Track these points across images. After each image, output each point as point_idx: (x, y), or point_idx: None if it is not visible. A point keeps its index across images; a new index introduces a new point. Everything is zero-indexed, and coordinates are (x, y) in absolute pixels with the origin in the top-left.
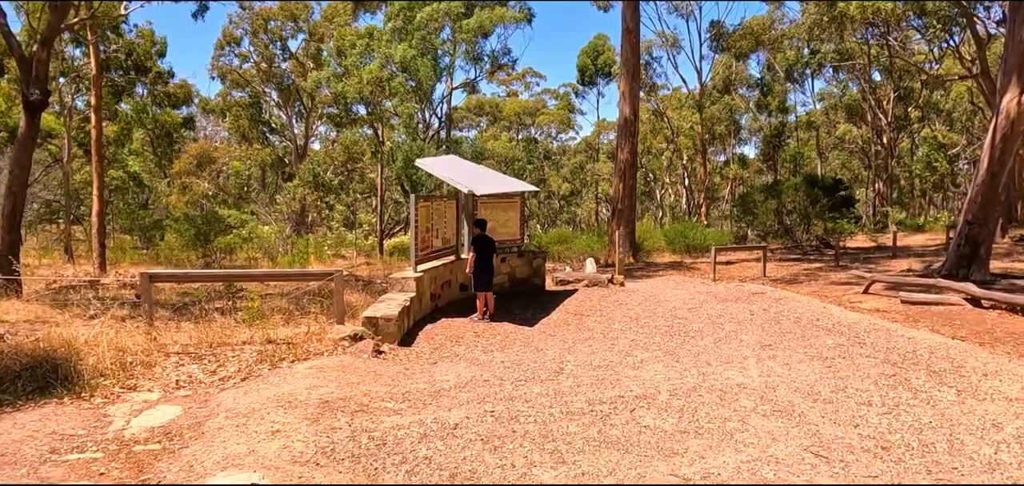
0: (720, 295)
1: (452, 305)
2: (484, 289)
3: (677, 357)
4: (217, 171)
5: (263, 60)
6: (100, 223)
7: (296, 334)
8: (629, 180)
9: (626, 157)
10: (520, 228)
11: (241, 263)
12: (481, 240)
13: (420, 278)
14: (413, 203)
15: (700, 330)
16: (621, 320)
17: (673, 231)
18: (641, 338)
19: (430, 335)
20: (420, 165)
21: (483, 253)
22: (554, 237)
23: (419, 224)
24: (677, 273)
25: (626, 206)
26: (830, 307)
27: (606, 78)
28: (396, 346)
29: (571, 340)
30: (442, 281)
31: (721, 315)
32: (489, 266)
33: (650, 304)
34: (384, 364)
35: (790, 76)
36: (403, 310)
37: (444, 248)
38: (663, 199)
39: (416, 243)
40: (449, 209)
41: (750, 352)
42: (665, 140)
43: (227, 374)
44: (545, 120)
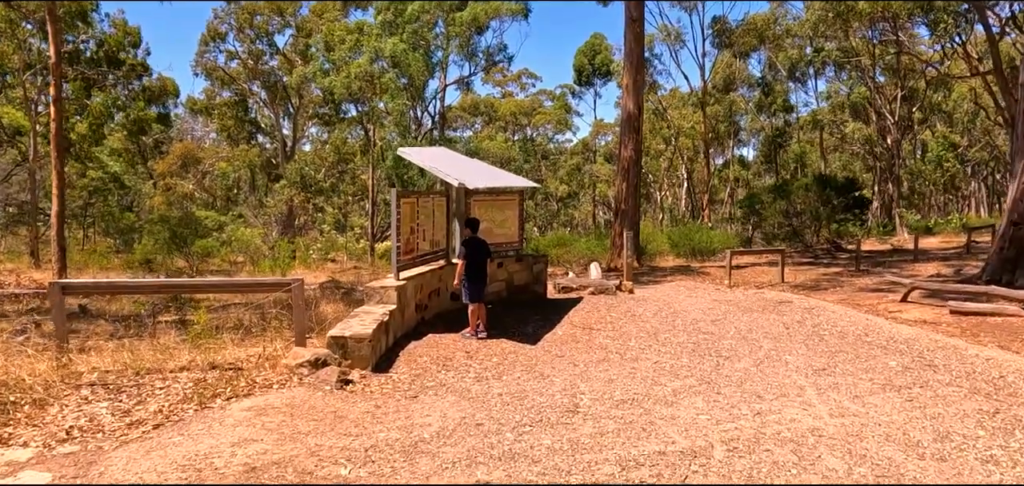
0: (742, 304)
1: (441, 317)
2: (477, 300)
3: (716, 387)
4: (202, 172)
5: (249, 57)
6: (59, 225)
7: (247, 358)
8: (633, 179)
9: (630, 154)
10: (519, 230)
11: (218, 268)
12: (473, 243)
13: (402, 287)
14: (394, 200)
15: (734, 349)
16: (637, 335)
17: (678, 234)
18: (666, 359)
19: (413, 356)
20: (403, 154)
21: (476, 258)
22: (553, 240)
23: (402, 224)
24: (686, 279)
25: (630, 207)
26: (872, 318)
27: (603, 78)
28: (369, 373)
29: (582, 362)
30: (430, 289)
31: (751, 328)
32: (482, 273)
33: (666, 315)
34: (350, 400)
35: (793, 75)
36: (379, 327)
37: (432, 252)
38: (662, 201)
39: (398, 246)
40: (438, 207)
41: (804, 379)
42: (664, 140)
43: (142, 417)
44: (542, 120)
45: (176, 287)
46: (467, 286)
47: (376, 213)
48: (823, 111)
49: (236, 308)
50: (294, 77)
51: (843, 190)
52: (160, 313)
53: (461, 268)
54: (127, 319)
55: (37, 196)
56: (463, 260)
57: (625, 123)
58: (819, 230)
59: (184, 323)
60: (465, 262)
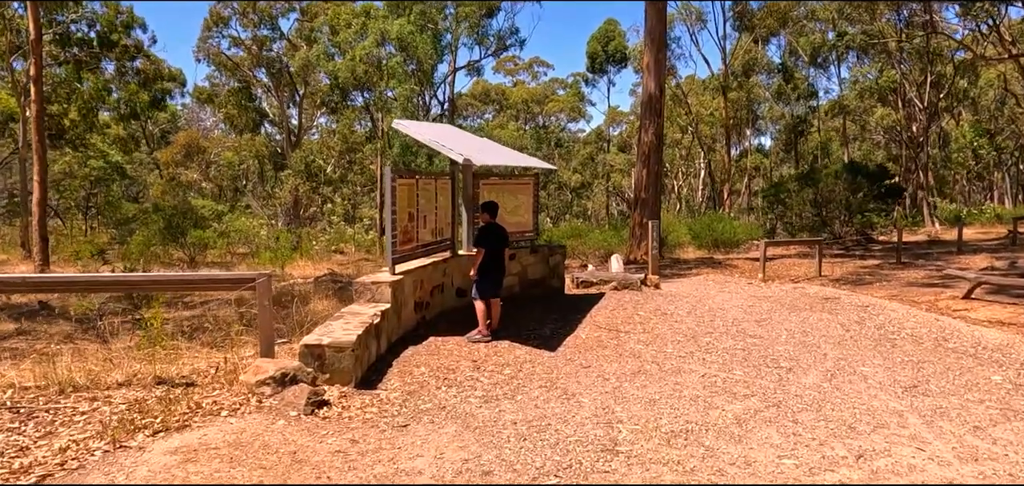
0: (784, 300)
1: (445, 317)
2: (490, 296)
3: (788, 411)
4: (207, 162)
5: (253, 42)
6: (41, 214)
7: (206, 369)
8: (654, 165)
9: (651, 139)
10: (533, 217)
11: (215, 261)
12: (491, 231)
13: (398, 283)
14: (388, 181)
15: (793, 357)
16: (674, 339)
17: (699, 224)
18: (715, 371)
19: (409, 366)
20: (400, 127)
21: (494, 248)
22: (567, 231)
23: (398, 210)
24: (713, 272)
25: (651, 196)
26: (944, 320)
27: (618, 65)
28: (351, 390)
29: (614, 375)
30: (432, 285)
31: (805, 331)
32: (500, 265)
33: (702, 314)
34: (318, 432)
35: (814, 60)
36: (366, 331)
37: (435, 242)
38: (680, 191)
39: (393, 235)
40: (442, 191)
41: (897, 401)
42: (680, 129)
43: (39, 458)
44: (554, 107)
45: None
46: (480, 280)
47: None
48: (849, 97)
49: (218, 305)
50: (297, 61)
51: (875, 178)
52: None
53: (478, 256)
54: (92, 319)
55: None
56: (481, 249)
57: (645, 105)
58: (849, 220)
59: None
60: (482, 250)
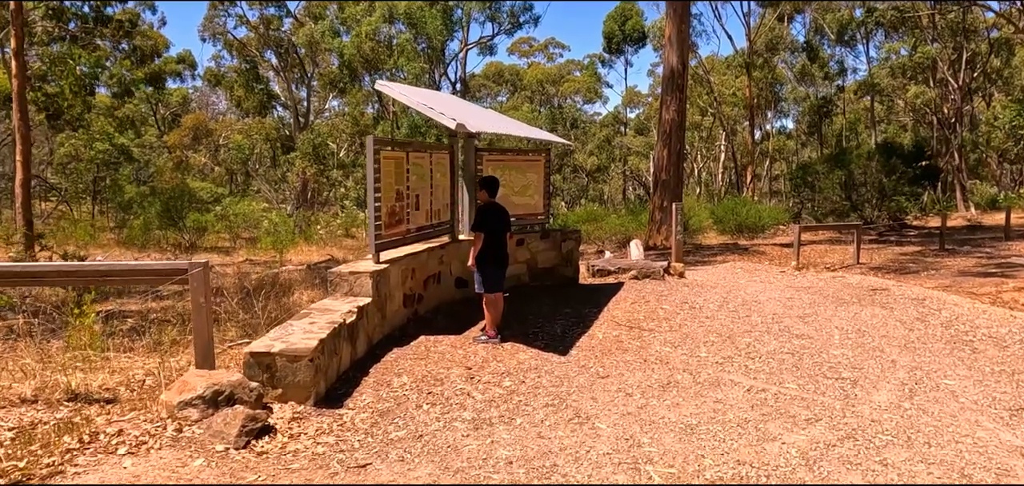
0: (825, 292)
1: (442, 311)
2: (493, 289)
3: (873, 448)
4: (215, 145)
5: (260, 21)
6: (25, 196)
7: (140, 380)
8: (676, 145)
9: (672, 116)
10: (544, 199)
11: (212, 245)
12: (491, 212)
13: (381, 273)
14: (370, 151)
15: (855, 364)
16: (707, 339)
17: (722, 208)
18: (764, 383)
19: (387, 376)
20: (382, 88)
21: (495, 232)
22: (582, 215)
23: (383, 188)
24: (740, 258)
25: (672, 177)
26: (1019, 315)
27: (635, 45)
28: (309, 410)
29: (638, 389)
30: (426, 275)
31: (860, 329)
32: (502, 252)
33: (736, 307)
34: (244, 477)
35: (842, 38)
36: (334, 334)
37: (431, 225)
38: (699, 175)
39: (376, 218)
40: (440, 166)
41: (1011, 433)
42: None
43: None
44: (570, 88)
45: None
46: (482, 270)
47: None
48: (880, 74)
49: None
50: (301, 37)
51: (910, 159)
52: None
53: (478, 244)
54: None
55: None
56: (480, 233)
57: (667, 80)
58: (882, 205)
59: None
60: (481, 235)
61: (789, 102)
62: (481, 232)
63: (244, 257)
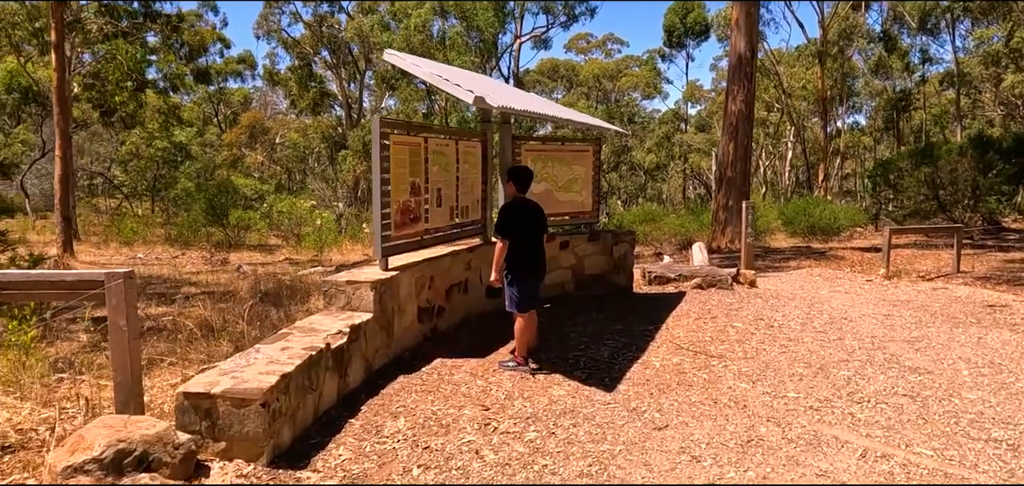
0: (929, 307)
1: (469, 326)
2: (524, 306)
3: None
4: (270, 143)
5: (314, 18)
6: (63, 192)
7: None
8: (743, 138)
9: (739, 107)
10: (593, 195)
11: (256, 243)
12: (518, 210)
13: (387, 283)
14: (376, 133)
15: (1006, 418)
16: (793, 371)
17: (792, 208)
18: (882, 445)
19: (380, 417)
20: (389, 58)
21: (524, 237)
22: (639, 215)
23: (393, 179)
24: (816, 264)
25: (738, 173)
26: None
27: (697, 38)
28: (259, 471)
29: (708, 449)
30: (449, 283)
31: (991, 360)
32: (536, 260)
33: (824, 326)
34: None
35: (924, 26)
36: (306, 366)
37: (457, 225)
38: (765, 173)
39: (383, 215)
40: (467, 154)
41: None
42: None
43: None
44: (628, 83)
45: None
46: (511, 282)
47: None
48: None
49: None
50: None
51: (1010, 154)
52: None
53: (500, 251)
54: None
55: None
56: (503, 238)
57: (734, 68)
58: (975, 205)
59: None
60: (506, 241)
61: (862, 96)
62: (505, 237)
63: (285, 256)
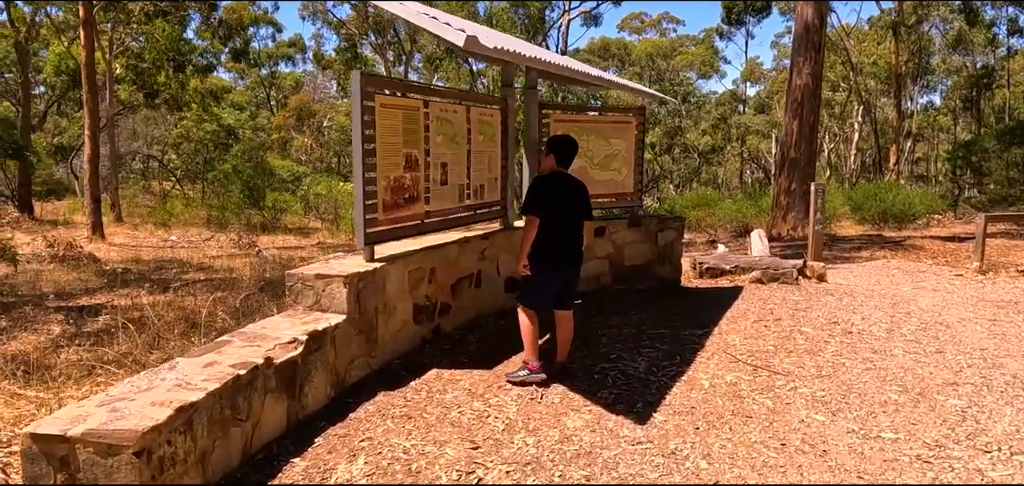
0: None
1: (482, 327)
2: (536, 302)
3: None
4: (317, 125)
5: None
6: (92, 171)
7: None
8: (808, 115)
9: (805, 81)
10: (634, 174)
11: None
12: (552, 184)
13: (369, 277)
14: (356, 92)
15: None
16: (882, 397)
17: (862, 193)
18: None
19: (333, 459)
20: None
21: (558, 212)
22: (692, 200)
23: (380, 148)
24: (892, 255)
25: (803, 154)
26: None
27: (757, 14)
28: None
29: None
30: (457, 276)
31: None
32: (568, 250)
33: (914, 333)
34: None
35: None
36: (225, 392)
37: (469, 208)
38: (829, 156)
39: (365, 193)
40: (483, 123)
41: None
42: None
43: None
44: (682, 61)
45: None
46: (536, 272)
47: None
48: None
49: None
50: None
51: None
52: None
53: (528, 231)
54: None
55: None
56: (533, 218)
57: (800, 38)
58: None
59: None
60: (538, 219)
61: (938, 74)
62: (535, 215)
63: (318, 240)
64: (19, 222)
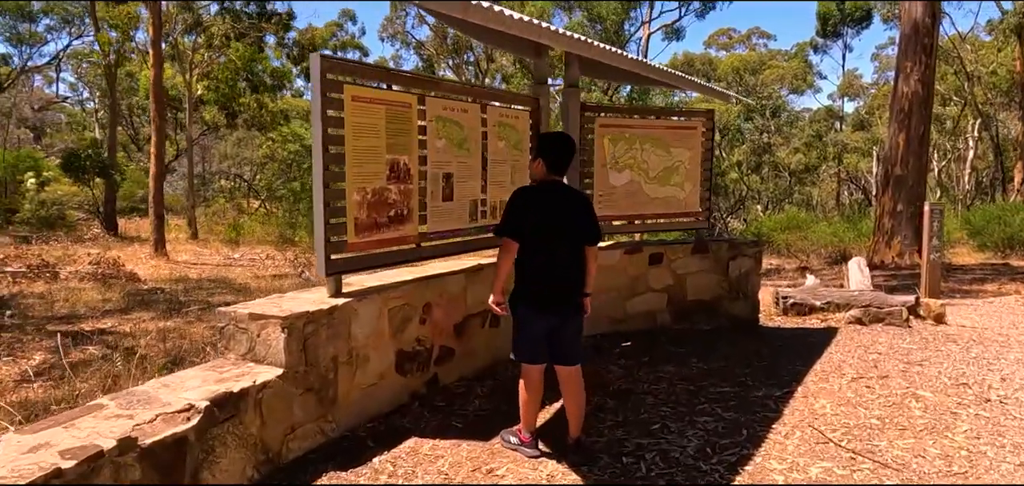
0: None
1: (491, 378)
2: (529, 354)
3: None
4: None
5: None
6: (156, 188)
7: None
8: (918, 126)
9: (913, 88)
10: (701, 189)
11: None
12: (542, 194)
13: (326, 317)
14: (316, 81)
15: None
16: None
17: (983, 216)
18: None
19: None
20: None
21: (545, 234)
22: (781, 222)
23: (353, 154)
24: None
25: (911, 170)
26: None
27: (856, 26)
28: None
29: None
30: (461, 314)
31: None
32: (556, 282)
33: None
34: None
35: None
36: None
37: (482, 228)
38: (939, 175)
39: (327, 209)
40: (505, 128)
41: None
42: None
43: None
44: (772, 75)
45: None
46: (515, 313)
47: None
48: None
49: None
50: None
51: None
52: None
53: (503, 259)
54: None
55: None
56: (510, 242)
57: (908, 39)
58: None
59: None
60: (515, 244)
61: None
62: (511, 237)
63: None
64: (98, 238)
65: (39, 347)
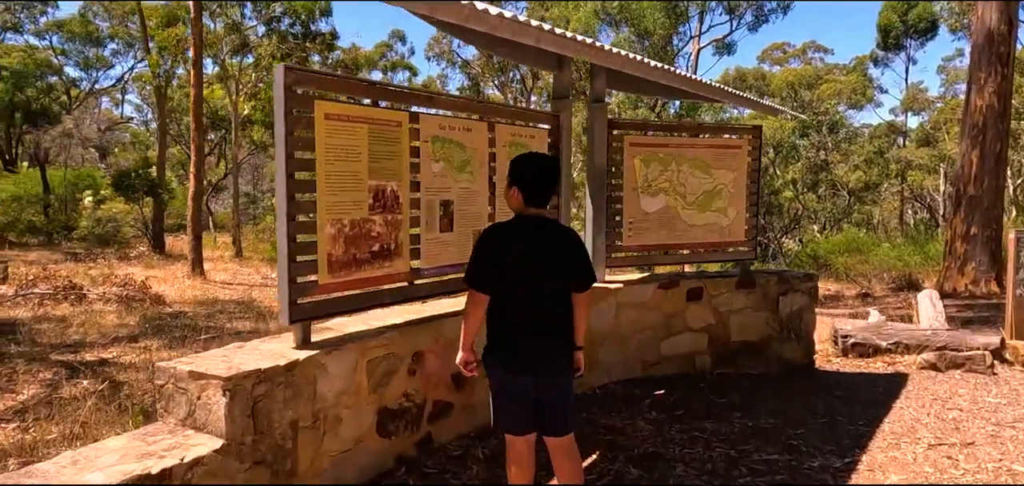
0: None
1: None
2: (509, 423)
3: None
4: None
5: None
6: (194, 208)
7: None
8: (993, 143)
9: (987, 101)
10: (746, 216)
11: None
12: (513, 232)
13: (273, 374)
14: (279, 94)
15: None
16: None
17: None
18: None
19: None
20: None
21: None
22: (840, 243)
23: (324, 178)
24: None
25: (986, 189)
26: None
27: (920, 37)
28: None
29: None
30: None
31: None
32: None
33: None
34: None
35: None
36: None
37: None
38: (1015, 195)
39: (290, 243)
40: (522, 147)
41: None
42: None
43: None
44: (829, 90)
45: None
46: (488, 374)
47: None
48: None
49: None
50: None
51: None
52: None
53: (471, 313)
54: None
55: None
56: (477, 293)
57: (981, 49)
58: None
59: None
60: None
61: None
62: (477, 289)
63: None
64: (142, 256)
65: (34, 380)
